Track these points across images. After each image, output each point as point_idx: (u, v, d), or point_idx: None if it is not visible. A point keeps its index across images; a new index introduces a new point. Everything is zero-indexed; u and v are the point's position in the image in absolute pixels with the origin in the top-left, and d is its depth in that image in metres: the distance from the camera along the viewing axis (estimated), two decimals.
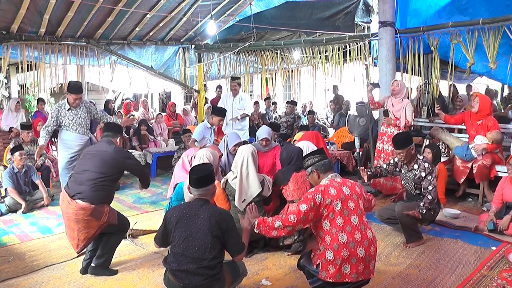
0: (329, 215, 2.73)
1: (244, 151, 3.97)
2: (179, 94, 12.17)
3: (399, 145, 4.17)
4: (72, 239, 3.57)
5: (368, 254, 2.71)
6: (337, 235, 2.69)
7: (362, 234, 2.73)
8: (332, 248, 2.67)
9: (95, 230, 3.49)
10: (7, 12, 6.14)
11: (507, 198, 4.57)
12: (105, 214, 3.48)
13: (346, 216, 2.72)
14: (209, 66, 9.41)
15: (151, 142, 8.36)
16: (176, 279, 2.64)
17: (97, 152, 3.62)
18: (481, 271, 3.57)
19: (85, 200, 3.41)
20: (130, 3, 6.68)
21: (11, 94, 9.65)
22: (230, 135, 5.10)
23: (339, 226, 2.70)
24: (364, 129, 6.39)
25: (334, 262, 2.66)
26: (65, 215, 3.52)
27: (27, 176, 5.76)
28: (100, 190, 3.48)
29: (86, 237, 3.50)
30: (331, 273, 2.67)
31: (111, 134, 3.78)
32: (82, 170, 3.55)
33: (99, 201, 3.45)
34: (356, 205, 2.78)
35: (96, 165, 3.52)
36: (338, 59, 7.33)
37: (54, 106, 5.07)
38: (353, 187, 2.86)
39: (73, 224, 3.46)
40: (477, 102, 5.43)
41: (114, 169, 3.59)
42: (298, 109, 11.41)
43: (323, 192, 2.75)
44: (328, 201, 2.73)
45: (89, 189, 3.43)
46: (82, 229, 3.46)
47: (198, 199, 2.80)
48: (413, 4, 6.99)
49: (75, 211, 3.41)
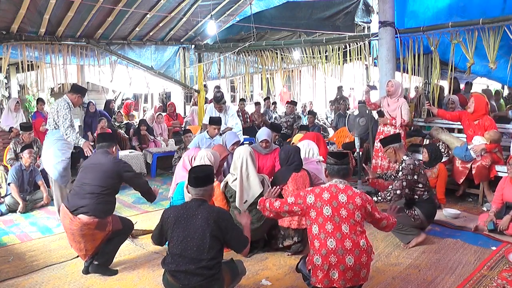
0: (318, 219, 2.74)
1: (242, 152, 3.95)
2: (179, 94, 12.16)
3: (382, 143, 4.45)
4: (79, 251, 3.57)
5: (358, 263, 2.67)
6: (326, 240, 2.68)
7: (354, 243, 2.68)
8: (321, 253, 2.67)
9: (101, 240, 3.51)
10: (7, 12, 6.14)
11: (507, 198, 4.56)
12: (109, 224, 3.50)
13: (336, 223, 2.71)
14: (209, 66, 9.41)
15: (151, 142, 8.36)
16: (175, 280, 2.64)
17: (96, 165, 3.59)
18: (481, 271, 3.56)
19: (89, 214, 3.40)
20: (130, 3, 6.68)
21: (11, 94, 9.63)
22: (228, 134, 5.08)
23: (328, 232, 2.69)
24: (364, 129, 6.39)
25: (322, 267, 2.66)
26: (69, 230, 3.49)
27: (32, 176, 5.79)
28: (102, 203, 3.48)
29: (92, 247, 3.52)
30: (320, 278, 2.67)
31: (106, 144, 3.75)
32: (82, 184, 3.53)
33: (102, 213, 3.46)
34: (349, 214, 2.73)
35: (96, 178, 3.50)
36: (338, 59, 7.33)
37: (61, 106, 4.87)
38: (352, 197, 2.79)
39: (78, 238, 3.45)
40: (473, 102, 5.44)
41: (113, 180, 3.57)
42: (298, 109, 11.41)
43: (316, 194, 2.80)
44: (319, 204, 2.76)
45: (92, 202, 3.43)
46: (88, 242, 3.47)
47: (196, 199, 2.79)
48: (410, 6, 7.00)
49: (79, 227, 3.40)
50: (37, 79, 7.50)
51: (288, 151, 4.18)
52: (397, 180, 4.09)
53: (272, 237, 4.08)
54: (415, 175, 4.09)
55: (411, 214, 4.13)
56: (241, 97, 11.21)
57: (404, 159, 4.20)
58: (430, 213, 4.21)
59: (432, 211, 4.27)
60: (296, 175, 4.02)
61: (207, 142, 5.58)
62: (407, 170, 4.08)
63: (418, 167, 4.12)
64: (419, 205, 4.16)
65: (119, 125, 8.73)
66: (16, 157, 6.24)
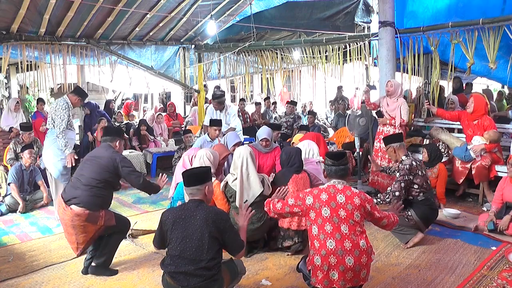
0: (317, 220, 2.75)
1: (242, 152, 3.95)
2: (179, 94, 12.17)
3: (384, 142, 4.48)
4: (71, 243, 3.58)
5: (358, 263, 2.67)
6: (325, 241, 2.69)
7: (353, 244, 2.69)
8: (320, 253, 2.68)
9: (92, 233, 3.50)
10: (7, 12, 6.15)
11: (507, 198, 4.56)
12: (101, 218, 3.48)
13: (335, 224, 2.72)
14: (209, 66, 9.41)
15: (151, 142, 8.36)
16: (175, 281, 2.63)
17: (95, 157, 3.60)
18: (481, 271, 3.56)
19: (80, 205, 3.41)
20: (130, 3, 6.68)
21: (11, 94, 9.63)
22: (229, 135, 5.09)
23: (328, 233, 2.71)
24: (364, 129, 6.39)
25: (321, 267, 2.67)
26: (62, 221, 3.53)
27: (32, 176, 5.80)
28: (96, 196, 3.47)
29: (84, 241, 3.51)
30: (319, 279, 2.68)
31: (109, 138, 3.73)
32: (80, 175, 3.54)
33: (94, 206, 3.45)
34: (348, 215, 2.74)
35: (93, 171, 3.51)
36: (338, 59, 7.33)
37: (59, 105, 4.88)
38: (351, 197, 2.80)
39: (70, 229, 3.47)
40: (472, 102, 5.45)
41: (110, 174, 3.54)
42: (298, 109, 11.41)
43: (315, 196, 2.84)
44: (317, 206, 2.79)
45: (84, 194, 3.43)
46: (80, 234, 3.47)
47: (193, 200, 2.78)
48: (410, 6, 7.00)
49: (70, 217, 3.41)
50: (37, 79, 7.50)
51: (290, 153, 4.18)
52: (395, 181, 4.09)
53: (272, 238, 4.08)
54: (411, 175, 4.06)
55: (405, 215, 4.10)
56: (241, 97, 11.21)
57: (403, 159, 4.20)
58: (424, 215, 4.10)
59: (427, 213, 4.13)
60: (297, 176, 4.02)
61: (208, 145, 5.55)
62: (404, 171, 4.07)
63: (416, 167, 4.09)
64: (413, 206, 4.10)
65: (119, 125, 8.73)
66: (16, 157, 6.24)
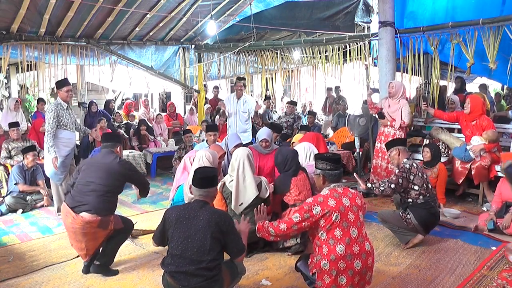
0: (326, 226, 2.72)
1: (239, 154, 3.92)
2: (179, 94, 12.15)
3: (387, 146, 4.40)
4: (80, 250, 3.57)
5: (365, 266, 2.69)
6: (335, 246, 2.67)
7: (361, 247, 2.70)
8: (329, 258, 2.66)
9: (103, 238, 3.52)
10: (7, 12, 6.15)
11: (506, 198, 4.56)
12: (111, 223, 3.50)
13: (345, 228, 2.70)
14: (209, 66, 9.42)
15: (151, 142, 8.36)
16: (175, 281, 2.63)
17: (102, 164, 3.62)
18: (481, 271, 3.56)
19: (91, 212, 3.41)
20: (130, 3, 6.69)
21: (11, 94, 9.63)
22: (231, 136, 5.09)
23: (337, 238, 2.68)
24: (364, 129, 6.39)
25: (329, 272, 2.65)
26: (70, 229, 3.49)
27: (33, 176, 5.81)
28: (106, 202, 3.50)
29: (94, 246, 3.52)
30: (327, 283, 2.66)
31: (110, 144, 3.78)
32: (87, 182, 3.53)
33: (105, 211, 3.47)
34: (356, 217, 2.75)
35: (102, 177, 3.52)
36: (338, 59, 7.34)
37: (50, 107, 4.92)
38: (353, 198, 2.81)
39: (80, 237, 3.45)
40: (469, 103, 5.46)
41: (119, 182, 3.64)
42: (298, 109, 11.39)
43: (322, 204, 2.72)
44: (327, 212, 2.70)
45: (95, 201, 3.44)
46: (90, 240, 3.47)
47: (198, 200, 2.78)
48: (410, 7, 7.00)
49: (81, 225, 3.40)
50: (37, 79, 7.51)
51: (286, 156, 4.08)
52: (394, 175, 4.08)
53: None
54: (412, 174, 4.03)
55: (404, 217, 4.07)
56: None
57: (404, 161, 4.20)
58: (423, 219, 4.02)
59: (426, 217, 4.02)
60: (296, 179, 4.00)
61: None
62: (403, 168, 4.06)
63: (416, 169, 4.07)
64: (412, 209, 4.03)
65: (118, 125, 8.73)
66: (9, 156, 6.29)
